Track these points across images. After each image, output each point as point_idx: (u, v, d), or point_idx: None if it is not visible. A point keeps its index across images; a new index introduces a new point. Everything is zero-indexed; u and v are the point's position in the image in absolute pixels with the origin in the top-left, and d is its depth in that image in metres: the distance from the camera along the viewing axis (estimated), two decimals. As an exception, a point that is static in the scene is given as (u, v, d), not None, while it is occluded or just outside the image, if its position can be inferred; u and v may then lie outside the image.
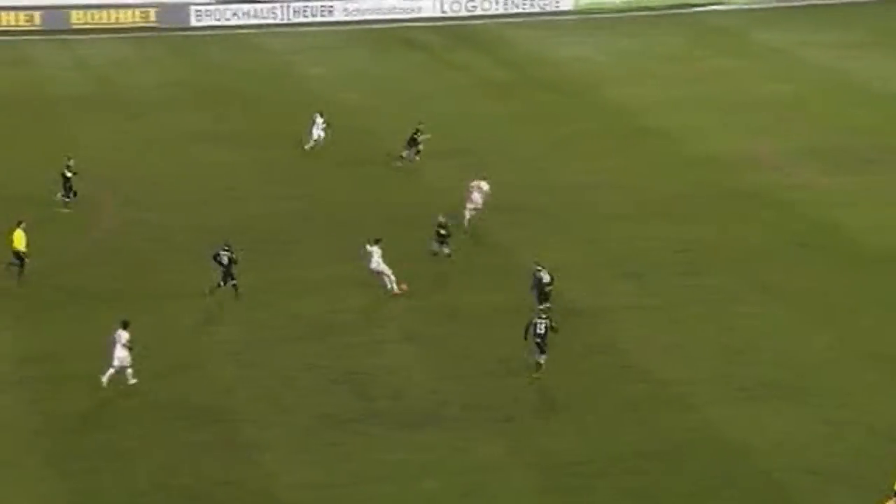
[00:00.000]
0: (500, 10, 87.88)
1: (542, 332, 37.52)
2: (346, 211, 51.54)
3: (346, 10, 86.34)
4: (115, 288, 44.31)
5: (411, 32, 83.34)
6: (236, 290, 42.87)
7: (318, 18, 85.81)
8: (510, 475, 33.29)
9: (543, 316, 37.98)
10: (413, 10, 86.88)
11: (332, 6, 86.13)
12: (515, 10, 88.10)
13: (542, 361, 37.69)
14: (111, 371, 37.07)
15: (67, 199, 50.98)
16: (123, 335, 37.07)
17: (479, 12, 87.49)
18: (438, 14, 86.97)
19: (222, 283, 42.87)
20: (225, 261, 42.78)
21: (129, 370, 37.21)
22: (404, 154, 56.17)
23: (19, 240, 44.33)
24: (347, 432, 35.24)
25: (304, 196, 53.33)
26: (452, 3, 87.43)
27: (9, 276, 44.12)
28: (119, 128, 62.87)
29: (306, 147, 58.12)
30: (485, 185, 49.70)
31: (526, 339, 37.82)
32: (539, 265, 42.02)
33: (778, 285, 44.44)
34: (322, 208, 51.98)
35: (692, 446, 34.53)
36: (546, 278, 41.66)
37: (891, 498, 30.92)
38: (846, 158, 57.65)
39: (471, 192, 49.37)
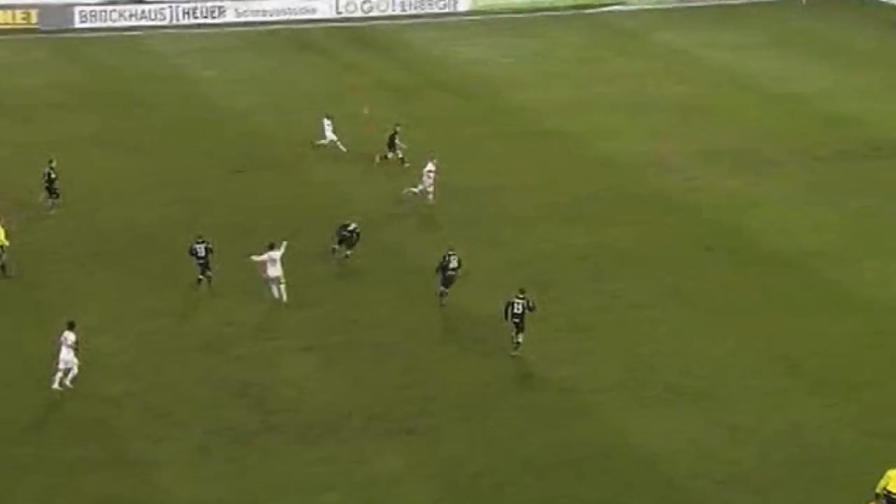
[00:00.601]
0: (397, 12, 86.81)
1: (520, 311, 38.19)
2: (236, 216, 50.13)
3: (237, 11, 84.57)
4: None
5: (306, 34, 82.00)
6: (209, 281, 42.80)
7: (209, 20, 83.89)
8: (413, 487, 32.55)
9: (521, 296, 38.35)
10: (308, 11, 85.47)
11: (223, 6, 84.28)
12: (412, 12, 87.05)
13: (520, 340, 38.32)
14: (59, 374, 36.11)
15: (55, 201, 49.95)
16: (69, 336, 36.25)
17: (375, 13, 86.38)
18: (334, 15, 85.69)
19: (202, 277, 42.72)
20: (202, 252, 42.55)
21: (74, 372, 36.25)
22: (389, 156, 55.27)
23: None
24: (245, 447, 34.16)
25: (194, 201, 51.79)
26: (348, 4, 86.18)
27: None
28: (3, 132, 60.85)
29: (342, 149, 56.42)
30: (430, 166, 50.44)
31: (506, 319, 38.33)
32: (452, 250, 42.07)
33: (683, 289, 43.94)
34: (213, 214, 50.45)
35: (597, 453, 34.03)
36: (452, 263, 41.82)
37: (871, 500, 30.67)
38: (749, 160, 57.38)
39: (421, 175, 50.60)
